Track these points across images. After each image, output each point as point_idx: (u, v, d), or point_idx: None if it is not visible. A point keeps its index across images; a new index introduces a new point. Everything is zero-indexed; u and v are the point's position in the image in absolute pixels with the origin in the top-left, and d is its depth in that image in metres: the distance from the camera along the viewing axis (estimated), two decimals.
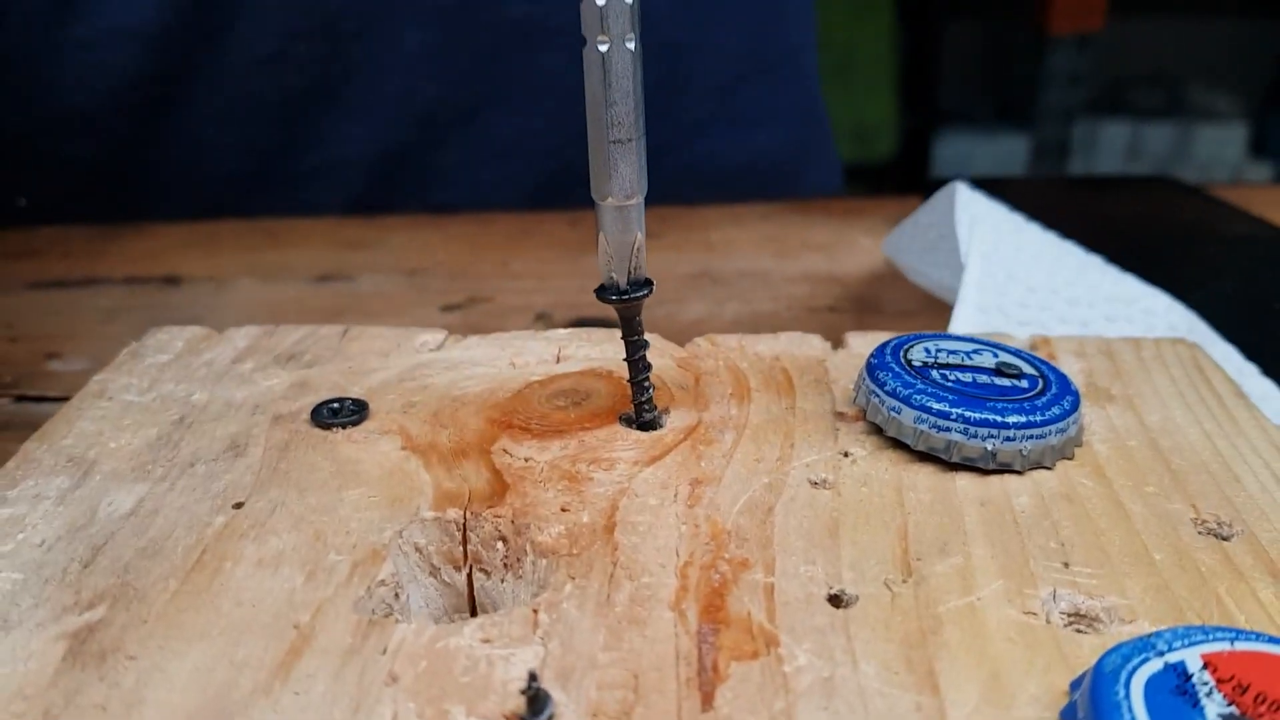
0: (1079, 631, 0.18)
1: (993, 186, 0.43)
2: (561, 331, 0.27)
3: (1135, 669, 0.15)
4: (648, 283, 0.22)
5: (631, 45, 0.20)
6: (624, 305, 0.22)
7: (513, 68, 0.48)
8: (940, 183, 0.43)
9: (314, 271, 0.40)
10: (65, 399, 0.31)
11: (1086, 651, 0.17)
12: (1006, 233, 0.31)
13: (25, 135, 0.47)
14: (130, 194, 0.48)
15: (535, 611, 0.18)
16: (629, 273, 0.22)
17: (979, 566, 0.19)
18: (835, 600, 0.18)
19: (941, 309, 0.37)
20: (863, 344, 0.27)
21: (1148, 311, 0.30)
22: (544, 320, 0.36)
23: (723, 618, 0.18)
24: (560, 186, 0.50)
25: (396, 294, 0.39)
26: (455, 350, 0.27)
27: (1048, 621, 0.18)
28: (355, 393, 0.24)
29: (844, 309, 0.38)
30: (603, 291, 0.22)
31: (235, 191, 0.48)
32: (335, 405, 0.23)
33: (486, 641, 0.17)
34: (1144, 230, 0.40)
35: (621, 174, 0.21)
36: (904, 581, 0.19)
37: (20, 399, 0.32)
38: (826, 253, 0.42)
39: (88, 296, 0.38)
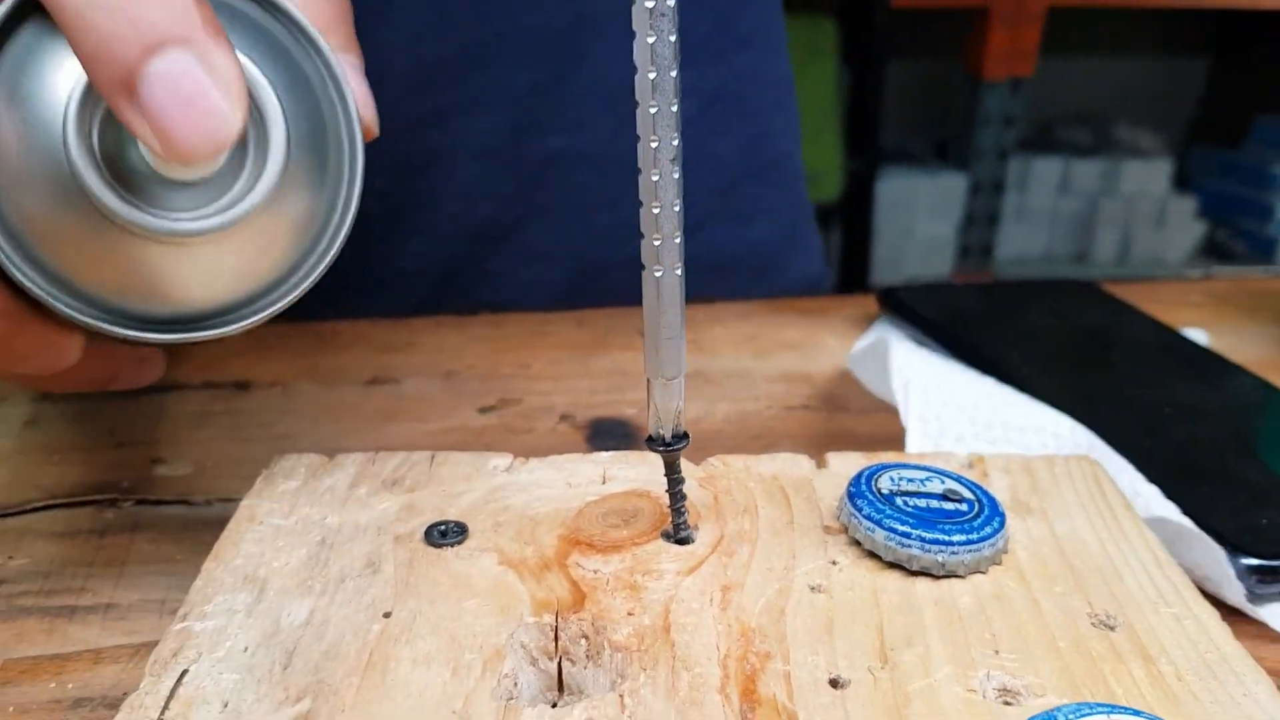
0: (1006, 704, 0.25)
1: (927, 295, 0.51)
2: (604, 455, 0.35)
3: None
4: (685, 435, 0.30)
5: (679, 271, 0.27)
6: (668, 454, 0.29)
7: (548, 188, 0.57)
8: (894, 297, 0.51)
9: (363, 375, 0.47)
10: (180, 502, 0.38)
11: (1011, 718, 0.24)
12: (934, 385, 0.39)
13: None
14: None
15: (621, 696, 0.25)
16: (672, 429, 0.29)
17: (935, 654, 0.26)
18: (834, 683, 0.25)
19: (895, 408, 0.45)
20: (840, 463, 0.34)
21: (1056, 435, 0.37)
22: (568, 420, 0.43)
23: (756, 699, 0.25)
24: (583, 282, 0.59)
25: (437, 397, 0.46)
26: (522, 473, 0.34)
27: (984, 696, 0.25)
28: (452, 514, 0.31)
29: (815, 407, 0.45)
30: (651, 442, 0.29)
31: (312, 300, 0.55)
32: (443, 528, 0.30)
33: None
34: (1056, 337, 0.49)
35: (669, 360, 0.28)
36: (882, 667, 0.26)
37: (140, 502, 0.38)
38: (799, 352, 0.50)
39: (174, 402, 0.45)
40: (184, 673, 0.25)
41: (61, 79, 0.26)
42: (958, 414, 0.38)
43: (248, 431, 0.43)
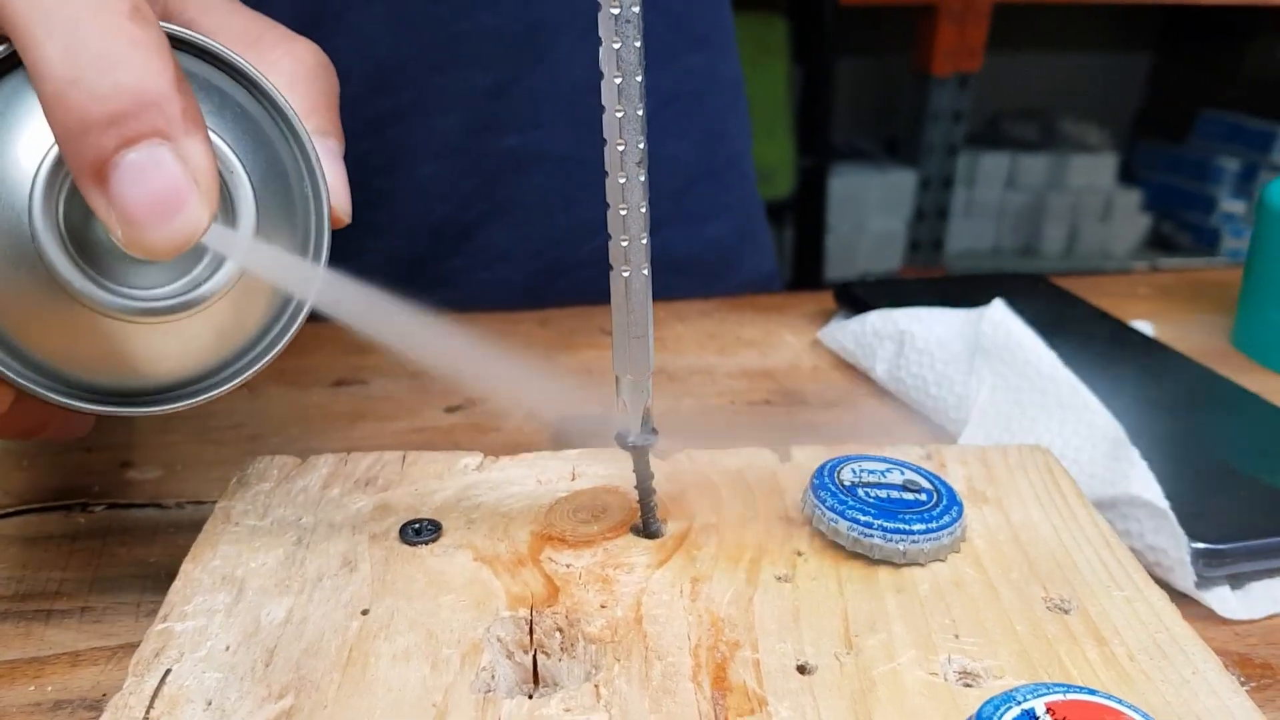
0: (966, 686, 0.26)
1: (882, 290, 0.52)
2: (572, 452, 0.35)
3: (1003, 713, 0.24)
4: (654, 432, 0.30)
5: (646, 272, 0.28)
6: (637, 450, 0.30)
7: (507, 188, 0.57)
8: (849, 292, 0.52)
9: (331, 376, 0.47)
10: (151, 505, 0.38)
11: (972, 701, 0.25)
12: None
13: None
14: None
15: (596, 687, 0.26)
16: (640, 425, 0.30)
17: (897, 640, 0.27)
18: (802, 669, 0.26)
19: (856, 398, 0.46)
20: (803, 457, 0.35)
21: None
22: (534, 418, 0.44)
23: (727, 686, 0.26)
24: (543, 283, 0.59)
25: (404, 397, 0.46)
26: (493, 471, 0.34)
27: (945, 679, 0.26)
28: (426, 512, 0.32)
29: (777, 402, 0.46)
30: (621, 439, 0.30)
31: None
32: (417, 526, 0.31)
33: (568, 711, 0.25)
34: None
35: (639, 357, 0.29)
36: (847, 653, 0.27)
37: (112, 506, 0.38)
38: (758, 349, 0.51)
39: None
40: (167, 672, 0.26)
41: (36, 140, 0.25)
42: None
43: (216, 434, 0.43)
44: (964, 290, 0.53)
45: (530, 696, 0.26)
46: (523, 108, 0.56)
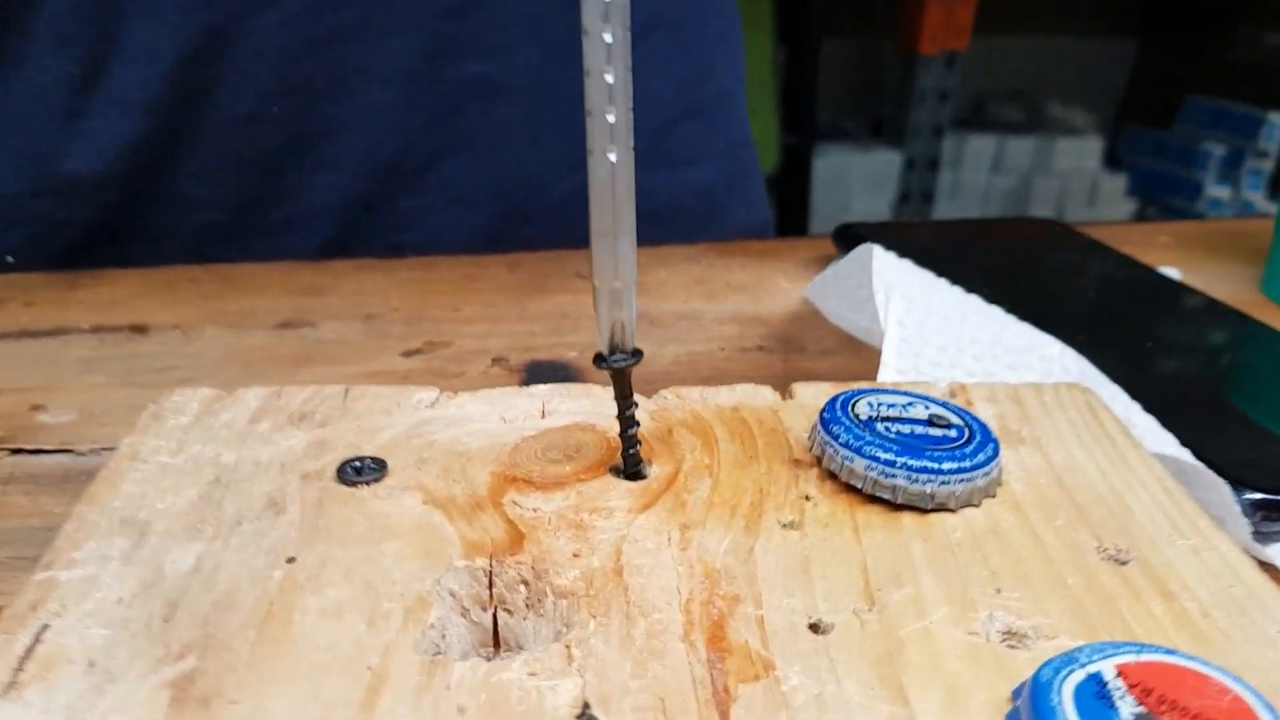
0: (1011, 647, 0.22)
1: (885, 231, 0.48)
2: (542, 388, 0.31)
3: (1064, 678, 0.19)
4: (637, 352, 0.26)
5: (630, 157, 0.24)
6: (617, 369, 0.26)
7: (468, 120, 0.52)
8: (850, 232, 0.48)
9: (276, 319, 0.43)
10: (62, 451, 0.33)
11: (1021, 664, 0.21)
12: (918, 294, 0.36)
13: (18, 196, 0.49)
14: (116, 251, 0.50)
15: (568, 647, 0.21)
16: (621, 343, 0.25)
17: (928, 594, 0.23)
18: (815, 628, 0.22)
19: (857, 347, 0.41)
20: (808, 394, 0.31)
21: (1044, 358, 0.34)
22: (502, 364, 0.39)
23: (726, 646, 0.21)
24: (509, 225, 0.54)
25: (357, 340, 0.41)
26: (451, 407, 0.30)
27: (987, 640, 0.22)
28: (369, 450, 0.27)
29: (771, 349, 0.41)
30: (600, 361, 0.26)
31: (211, 243, 0.50)
32: (357, 464, 0.26)
33: (533, 675, 0.20)
34: (1025, 272, 0.45)
35: (623, 260, 0.24)
36: (869, 610, 0.22)
37: (16, 451, 0.33)
38: (750, 294, 0.46)
39: (60, 347, 0.40)
40: (44, 628, 0.21)
41: None
42: (941, 326, 0.34)
43: (143, 377, 0.38)
44: (975, 232, 0.49)
45: (489, 660, 0.22)
46: (486, 30, 0.51)
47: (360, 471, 0.26)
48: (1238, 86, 2.24)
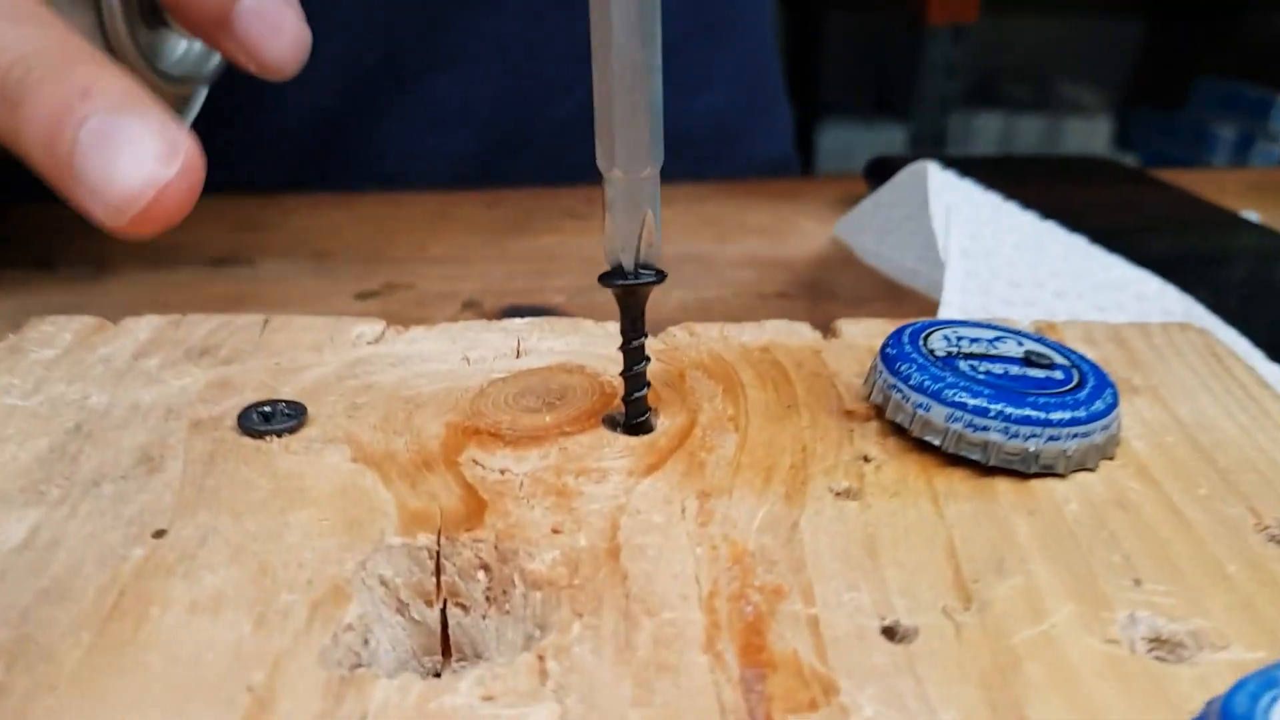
0: (1162, 660, 0.15)
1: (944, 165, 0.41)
2: (519, 321, 0.24)
3: (1269, 708, 0.13)
4: (659, 272, 0.19)
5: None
6: (628, 291, 0.19)
7: (458, 31, 0.45)
8: (887, 167, 0.41)
9: (207, 256, 0.36)
10: None
11: (1184, 684, 0.15)
12: (985, 220, 0.29)
13: None
14: (29, 174, 0.43)
15: (541, 658, 0.15)
16: (636, 255, 0.19)
17: (1044, 587, 0.16)
18: (890, 633, 0.15)
19: (899, 294, 0.35)
20: (858, 332, 0.24)
21: (1139, 296, 0.28)
22: (474, 308, 0.33)
23: (766, 660, 0.15)
24: (499, 155, 0.47)
25: (303, 280, 0.35)
26: (398, 344, 0.23)
27: (1131, 650, 0.15)
28: (287, 394, 0.21)
29: (796, 295, 0.35)
30: (607, 277, 0.19)
31: None
32: (267, 409, 0.20)
33: (489, 699, 0.14)
34: (1094, 212, 0.39)
35: (639, 142, 0.18)
36: (965, 609, 0.16)
37: None
38: (769, 236, 0.40)
39: None
40: None
41: None
42: (1014, 257, 0.28)
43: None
44: (1035, 170, 0.43)
45: (437, 675, 0.15)
46: None
47: (269, 419, 0.20)
48: (1249, 68, 2.19)
